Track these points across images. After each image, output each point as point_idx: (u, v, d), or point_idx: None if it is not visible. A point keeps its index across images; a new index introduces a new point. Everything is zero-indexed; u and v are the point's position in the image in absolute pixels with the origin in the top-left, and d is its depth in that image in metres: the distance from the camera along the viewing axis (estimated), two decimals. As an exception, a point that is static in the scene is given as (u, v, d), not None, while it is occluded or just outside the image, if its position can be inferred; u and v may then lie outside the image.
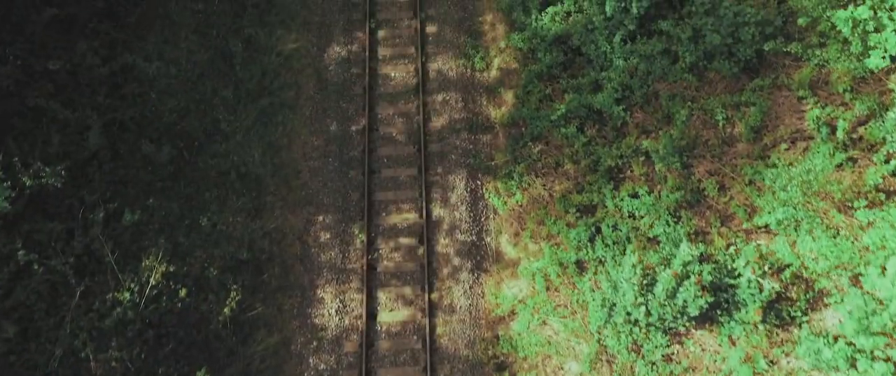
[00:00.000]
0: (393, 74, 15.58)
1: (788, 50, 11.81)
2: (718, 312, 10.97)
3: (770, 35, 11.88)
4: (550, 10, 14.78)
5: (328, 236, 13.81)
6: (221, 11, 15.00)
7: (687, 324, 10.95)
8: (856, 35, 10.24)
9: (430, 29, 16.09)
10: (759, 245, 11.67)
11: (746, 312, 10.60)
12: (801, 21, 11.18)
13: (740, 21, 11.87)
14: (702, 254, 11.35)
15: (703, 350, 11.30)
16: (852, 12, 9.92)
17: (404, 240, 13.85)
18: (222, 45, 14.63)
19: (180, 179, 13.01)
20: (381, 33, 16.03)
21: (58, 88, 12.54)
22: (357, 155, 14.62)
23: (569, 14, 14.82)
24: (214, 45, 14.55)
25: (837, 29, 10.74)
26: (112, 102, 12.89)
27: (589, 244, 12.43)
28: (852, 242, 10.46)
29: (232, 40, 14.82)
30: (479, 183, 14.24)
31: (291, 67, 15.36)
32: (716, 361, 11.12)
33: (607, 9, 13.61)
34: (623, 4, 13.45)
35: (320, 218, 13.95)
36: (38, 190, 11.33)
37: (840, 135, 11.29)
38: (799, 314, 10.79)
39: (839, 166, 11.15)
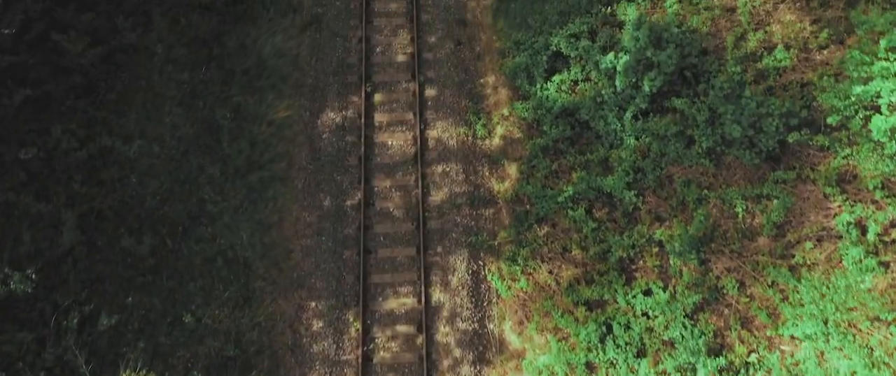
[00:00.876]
0: (390, 143, 14.57)
1: (815, 142, 10.83)
2: (741, 433, 10.04)
3: (795, 126, 10.89)
4: (556, 78, 13.78)
5: (321, 324, 12.84)
6: (209, 80, 13.97)
7: (707, 447, 10.01)
8: (893, 140, 9.26)
9: (430, 92, 15.08)
10: (783, 350, 10.71)
11: (773, 438, 9.66)
12: (830, 119, 10.20)
13: (763, 112, 10.87)
14: (721, 367, 10.39)
15: None
16: (889, 121, 8.93)
17: (402, 328, 12.89)
18: (209, 116, 13.61)
19: (162, 271, 12.02)
20: (377, 97, 15.01)
21: (30, 177, 11.54)
22: (352, 232, 13.63)
23: (576, 83, 13.82)
24: (201, 118, 13.53)
25: (870, 129, 9.76)
26: (89, 190, 11.87)
27: (599, 344, 11.46)
28: (889, 365, 9.51)
29: (219, 111, 13.80)
30: (480, 263, 13.26)
31: (283, 136, 14.34)
32: None
33: (618, 83, 12.61)
34: (634, 80, 12.45)
35: (313, 304, 12.97)
36: (7, 295, 10.35)
37: (871, 237, 10.31)
38: (830, 437, 9.86)
39: (870, 272, 10.18)
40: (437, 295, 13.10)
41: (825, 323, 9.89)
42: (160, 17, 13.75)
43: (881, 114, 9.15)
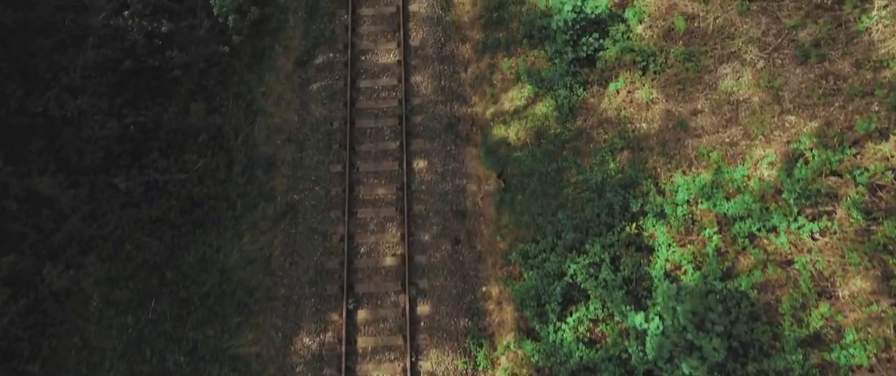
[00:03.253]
0: (376, 377, 12.11)
1: None
2: None
3: None
4: (573, 317, 11.29)
5: None
6: (160, 317, 11.45)
7: None
8: None
9: (423, 309, 12.59)
10: None
11: None
12: None
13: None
14: None
15: None
16: None
17: None
18: (158, 366, 11.13)
19: None
20: (361, 315, 12.52)
21: None
22: None
23: (596, 322, 11.35)
24: (148, 371, 11.04)
25: None
26: None
27: None
28: None
29: (172, 356, 11.30)
30: None
31: (249, 372, 11.87)
32: None
33: (649, 350, 10.15)
34: (668, 354, 10.00)
35: None
36: None
37: None
38: None
39: None
40: None
41: None
42: (101, 242, 11.21)
43: None
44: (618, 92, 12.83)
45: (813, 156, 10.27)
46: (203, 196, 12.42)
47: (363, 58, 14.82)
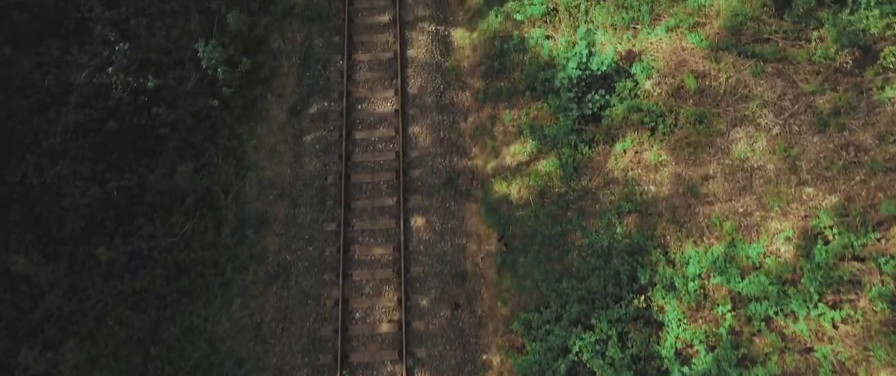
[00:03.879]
0: (371, 456, 11.48)
1: None
2: None
3: None
4: (578, 396, 10.69)
5: None
6: (142, 396, 10.82)
7: None
8: None
9: (420, 380, 11.96)
10: None
11: None
12: None
13: None
14: None
15: None
16: None
17: None
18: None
19: None
20: (356, 387, 11.89)
21: None
22: None
23: (602, 401, 10.72)
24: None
25: None
26: None
27: None
28: None
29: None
30: None
31: (237, 455, 11.25)
32: None
33: (659, 442, 9.53)
34: (682, 446, 9.37)
35: None
36: None
37: None
38: None
39: None
40: None
41: None
42: (81, 318, 10.58)
43: None
44: (625, 152, 12.19)
45: (833, 237, 9.64)
46: (190, 261, 11.79)
47: (359, 107, 14.17)
